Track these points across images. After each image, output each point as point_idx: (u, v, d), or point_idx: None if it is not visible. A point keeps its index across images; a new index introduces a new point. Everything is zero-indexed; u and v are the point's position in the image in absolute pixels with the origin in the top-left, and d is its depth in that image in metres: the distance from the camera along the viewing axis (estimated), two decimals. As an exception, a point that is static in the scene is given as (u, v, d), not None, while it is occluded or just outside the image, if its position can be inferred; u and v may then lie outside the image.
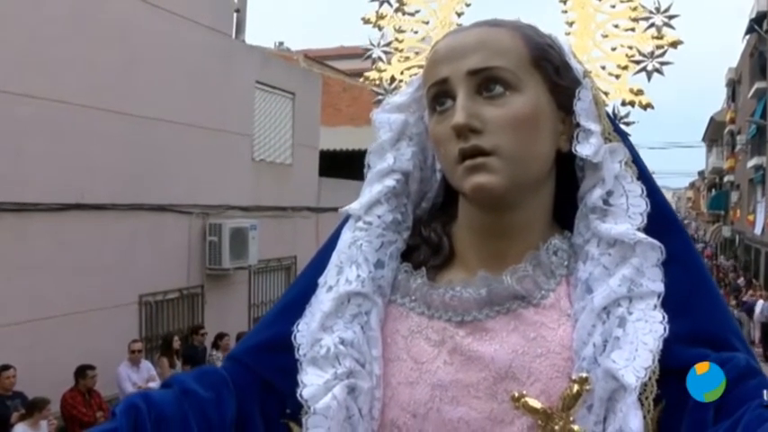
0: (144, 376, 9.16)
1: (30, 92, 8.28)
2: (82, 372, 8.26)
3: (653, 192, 1.11)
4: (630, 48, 1.33)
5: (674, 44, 1.30)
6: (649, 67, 1.31)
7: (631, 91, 1.31)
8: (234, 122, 12.34)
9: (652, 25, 1.32)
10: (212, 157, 11.61)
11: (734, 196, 38.31)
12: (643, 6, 1.33)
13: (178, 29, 10.85)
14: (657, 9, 1.32)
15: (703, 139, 50.81)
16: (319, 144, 15.85)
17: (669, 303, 1.04)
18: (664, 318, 1.02)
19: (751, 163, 30.11)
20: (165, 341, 10.35)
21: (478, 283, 1.11)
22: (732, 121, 38.77)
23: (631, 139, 1.20)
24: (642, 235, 1.06)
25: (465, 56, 1.08)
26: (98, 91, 9.21)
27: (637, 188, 1.10)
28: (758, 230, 27.90)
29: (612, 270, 1.06)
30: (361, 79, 1.44)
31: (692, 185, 71.00)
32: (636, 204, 1.09)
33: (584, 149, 1.10)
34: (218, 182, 11.84)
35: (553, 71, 1.12)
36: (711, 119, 45.85)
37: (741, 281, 27.90)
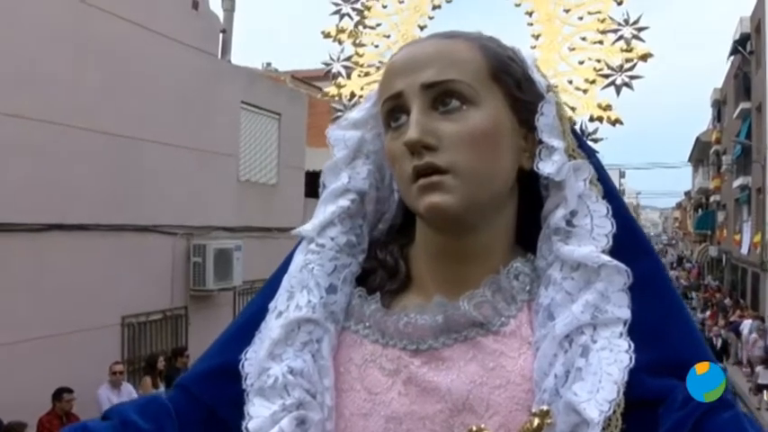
0: (125, 399, 8.99)
1: (12, 111, 8.21)
2: (58, 395, 8.11)
3: (620, 212, 1.04)
4: (599, 61, 1.27)
5: (644, 57, 1.25)
6: (618, 81, 1.25)
7: (600, 106, 1.25)
8: (219, 143, 12.30)
9: (621, 38, 1.26)
10: (197, 178, 11.56)
11: (720, 216, 38.51)
12: (612, 18, 1.27)
13: (163, 49, 10.82)
14: (626, 21, 1.26)
15: (689, 160, 51.12)
16: (305, 165, 15.80)
17: (636, 331, 0.97)
18: (630, 347, 0.95)
19: (737, 183, 30.32)
20: (149, 361, 10.23)
21: (434, 310, 1.04)
22: (718, 141, 39.07)
23: (618, 159, 1.15)
24: (607, 258, 0.99)
25: (420, 69, 1.02)
26: (82, 111, 9.16)
27: (602, 208, 1.03)
28: (745, 250, 27.99)
29: (576, 295, 0.99)
30: (319, 95, 1.38)
31: (679, 205, 71.33)
32: (601, 225, 1.02)
33: (546, 167, 1.04)
34: (202, 202, 11.77)
35: (514, 85, 1.06)
36: (697, 139, 46.20)
37: (728, 300, 27.96)
